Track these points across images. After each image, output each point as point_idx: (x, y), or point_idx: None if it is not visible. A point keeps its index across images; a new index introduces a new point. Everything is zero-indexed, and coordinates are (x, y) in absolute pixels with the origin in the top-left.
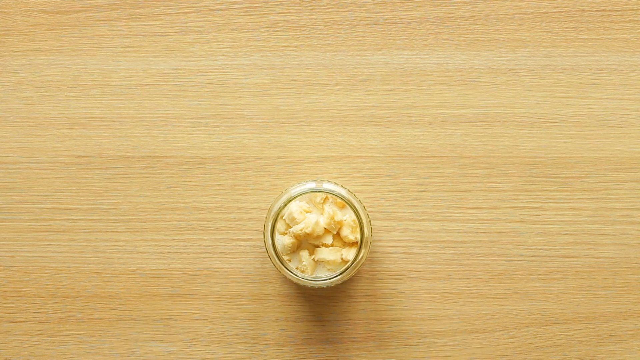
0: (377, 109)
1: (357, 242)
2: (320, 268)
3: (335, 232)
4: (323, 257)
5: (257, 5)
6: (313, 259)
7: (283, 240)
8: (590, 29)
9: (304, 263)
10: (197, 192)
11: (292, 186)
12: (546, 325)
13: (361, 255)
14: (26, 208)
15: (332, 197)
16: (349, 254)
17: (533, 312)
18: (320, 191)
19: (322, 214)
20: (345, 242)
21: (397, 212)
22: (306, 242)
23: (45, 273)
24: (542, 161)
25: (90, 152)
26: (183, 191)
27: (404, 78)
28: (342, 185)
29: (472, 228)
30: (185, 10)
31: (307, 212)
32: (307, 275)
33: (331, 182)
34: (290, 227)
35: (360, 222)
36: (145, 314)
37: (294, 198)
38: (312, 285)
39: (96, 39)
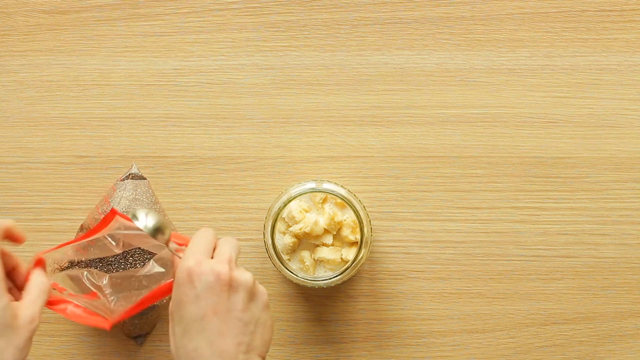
0: (377, 109)
1: (357, 242)
2: (320, 268)
3: (335, 232)
4: (323, 257)
5: (257, 5)
6: (313, 259)
7: (283, 240)
8: (590, 29)
9: (306, 263)
10: (197, 192)
11: (292, 186)
12: (546, 325)
13: (361, 255)
14: (26, 208)
15: (332, 197)
16: (349, 254)
17: (533, 312)
18: (320, 191)
19: (322, 214)
20: (345, 242)
21: (397, 212)
22: (306, 242)
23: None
24: (542, 161)
25: (90, 152)
26: (183, 191)
27: (404, 78)
28: (342, 185)
29: (472, 228)
30: (185, 10)
31: (306, 211)
32: (307, 275)
33: (331, 182)
34: (290, 227)
35: (360, 222)
36: None
37: (294, 198)
38: (312, 285)
39: (96, 39)
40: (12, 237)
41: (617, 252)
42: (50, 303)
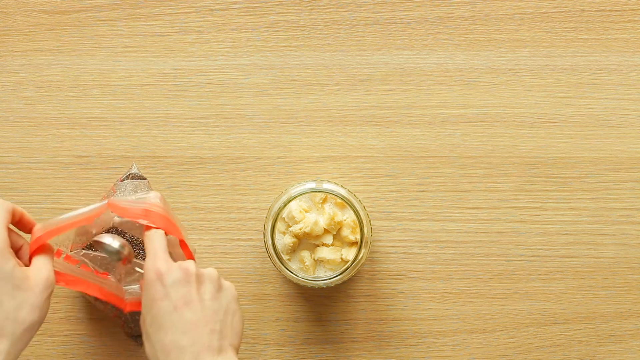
0: (377, 109)
1: (357, 242)
2: (320, 268)
3: (335, 232)
4: (323, 257)
5: (257, 5)
6: (313, 259)
7: (283, 240)
8: (590, 29)
9: (306, 263)
10: (197, 192)
11: (292, 186)
12: (546, 325)
13: (361, 255)
14: (26, 208)
15: (332, 197)
16: (349, 253)
17: (533, 312)
18: (320, 191)
19: (322, 214)
20: (345, 242)
21: (397, 212)
22: (306, 242)
23: None
24: (542, 161)
25: (90, 152)
26: (183, 191)
27: (404, 78)
28: (342, 185)
29: (472, 228)
30: (185, 10)
31: (306, 211)
32: (307, 275)
33: (331, 182)
34: (290, 227)
35: (360, 222)
36: None
37: (294, 198)
38: (312, 285)
39: (96, 39)
40: (22, 223)
41: (617, 252)
42: (66, 281)
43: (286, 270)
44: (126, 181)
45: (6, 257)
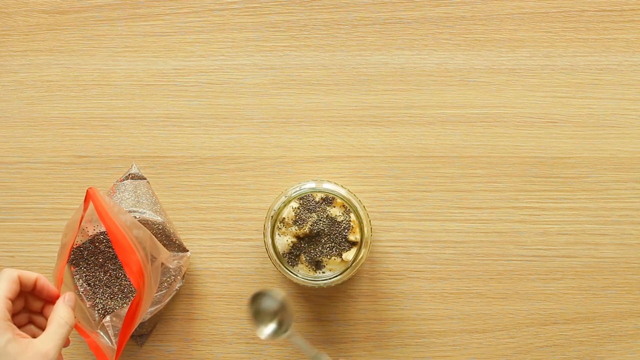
0: (377, 109)
1: (357, 242)
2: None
3: None
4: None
5: (257, 5)
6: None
7: (283, 240)
8: (590, 29)
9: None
10: (197, 192)
11: (292, 186)
12: (546, 325)
13: (361, 255)
14: (26, 208)
15: (332, 197)
16: (349, 254)
17: (533, 312)
18: (320, 191)
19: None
20: None
21: (397, 212)
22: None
23: (45, 273)
24: (542, 161)
25: (90, 152)
26: (183, 191)
27: (404, 78)
28: (342, 185)
29: (472, 228)
30: (185, 10)
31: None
32: (307, 275)
33: (331, 182)
34: (290, 227)
35: (360, 222)
36: None
37: (294, 198)
38: (312, 285)
39: (96, 39)
40: (42, 292)
41: (617, 252)
42: (78, 329)
43: (286, 270)
44: (126, 181)
45: (0, 331)
